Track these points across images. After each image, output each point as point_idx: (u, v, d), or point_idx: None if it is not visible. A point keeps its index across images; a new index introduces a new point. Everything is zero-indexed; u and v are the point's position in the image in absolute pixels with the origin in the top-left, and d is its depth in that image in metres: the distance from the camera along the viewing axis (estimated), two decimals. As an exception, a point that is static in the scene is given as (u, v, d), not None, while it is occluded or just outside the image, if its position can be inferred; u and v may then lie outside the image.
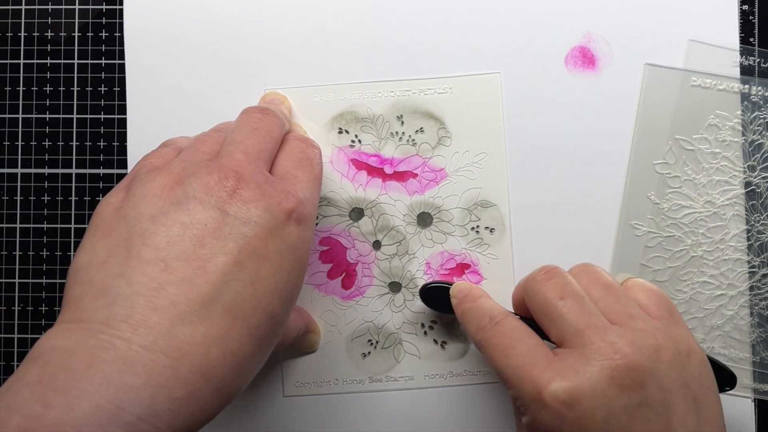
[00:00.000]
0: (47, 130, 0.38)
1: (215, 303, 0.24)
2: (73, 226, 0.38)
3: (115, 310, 0.23)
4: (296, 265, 0.27)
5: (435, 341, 0.37)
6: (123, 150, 0.38)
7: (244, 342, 0.25)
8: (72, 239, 0.38)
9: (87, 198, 0.38)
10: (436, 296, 0.35)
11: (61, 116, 0.38)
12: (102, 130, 0.38)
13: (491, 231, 0.37)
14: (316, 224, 0.37)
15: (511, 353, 0.28)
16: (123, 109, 0.37)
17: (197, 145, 0.29)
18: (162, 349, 0.22)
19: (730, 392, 0.32)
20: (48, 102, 0.38)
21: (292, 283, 0.27)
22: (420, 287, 0.35)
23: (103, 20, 0.38)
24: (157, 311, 0.23)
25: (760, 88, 0.36)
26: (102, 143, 0.38)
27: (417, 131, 0.37)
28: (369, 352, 0.37)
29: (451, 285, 0.34)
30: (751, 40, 0.36)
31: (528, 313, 0.30)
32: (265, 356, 0.27)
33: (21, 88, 0.38)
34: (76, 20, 0.38)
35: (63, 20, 0.38)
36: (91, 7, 0.38)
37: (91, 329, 0.23)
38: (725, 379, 0.31)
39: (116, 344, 0.22)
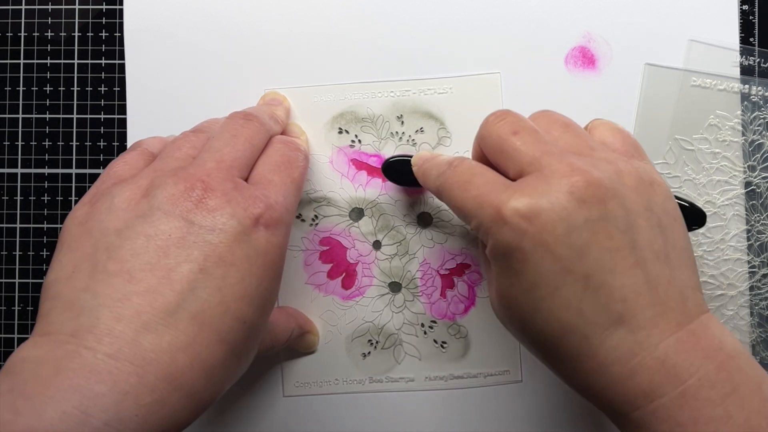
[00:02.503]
0: (47, 130, 0.38)
1: (181, 310, 0.24)
2: (73, 226, 0.38)
3: (81, 322, 0.23)
4: (267, 269, 0.27)
5: (435, 342, 0.37)
6: (123, 150, 0.38)
7: (215, 348, 0.25)
8: (72, 239, 0.38)
9: (87, 198, 0.38)
10: (399, 169, 0.35)
11: (61, 116, 0.38)
12: (102, 130, 0.38)
13: (491, 231, 0.37)
14: (316, 224, 0.37)
15: (469, 186, 0.27)
16: (123, 109, 0.37)
17: (171, 151, 0.29)
18: (127, 357, 0.23)
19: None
20: (48, 102, 0.38)
21: (263, 288, 0.27)
22: (382, 162, 0.36)
23: (103, 20, 0.38)
24: (122, 321, 0.23)
25: (760, 88, 0.36)
26: (102, 143, 0.38)
27: (417, 131, 0.37)
28: (369, 353, 0.37)
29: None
30: (751, 40, 0.36)
31: (488, 164, 0.29)
32: (242, 362, 0.27)
33: (21, 88, 0.38)
34: (76, 20, 0.38)
35: (63, 20, 0.38)
36: (91, 7, 0.38)
37: (59, 340, 0.23)
38: (694, 218, 0.31)
39: (82, 353, 0.23)
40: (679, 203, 0.29)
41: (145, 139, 0.32)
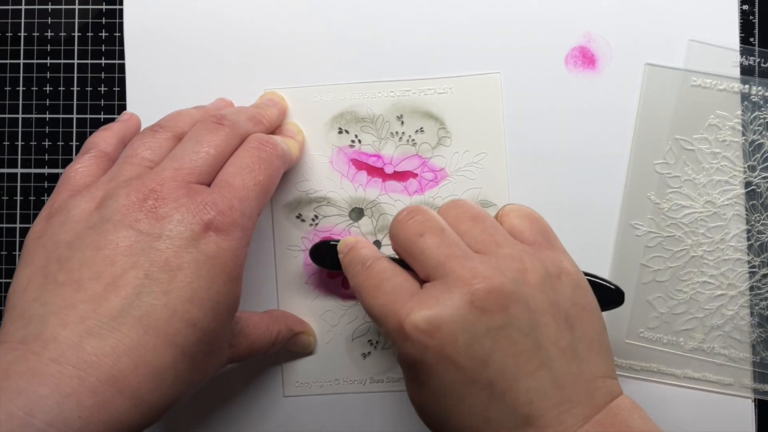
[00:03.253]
0: (47, 130, 0.38)
1: (126, 315, 0.25)
2: (73, 226, 0.38)
3: (30, 330, 0.24)
4: (218, 272, 0.27)
5: (435, 341, 0.37)
6: (123, 150, 0.38)
7: (161, 351, 0.25)
8: (72, 239, 0.38)
9: (87, 198, 0.38)
10: (326, 254, 0.34)
11: (61, 116, 0.38)
12: (102, 130, 0.38)
13: (491, 231, 0.37)
14: (316, 224, 0.37)
15: (378, 293, 0.28)
16: (123, 109, 0.37)
17: (128, 156, 0.29)
18: (69, 361, 0.24)
19: (730, 393, 0.32)
20: (48, 102, 0.38)
21: (215, 291, 0.27)
22: (310, 247, 0.35)
23: (103, 20, 0.38)
24: (67, 327, 0.24)
25: (760, 88, 0.36)
26: (102, 143, 0.38)
27: (417, 131, 0.37)
28: (369, 353, 0.37)
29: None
30: (751, 40, 0.36)
31: None
32: (200, 365, 0.27)
33: (21, 88, 0.38)
34: (76, 20, 0.38)
35: (63, 20, 0.38)
36: (91, 7, 0.38)
37: (10, 347, 0.24)
38: (612, 297, 0.31)
39: (28, 358, 0.23)
40: (597, 281, 0.30)
41: (96, 134, 0.32)
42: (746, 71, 0.36)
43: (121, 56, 0.38)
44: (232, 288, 0.28)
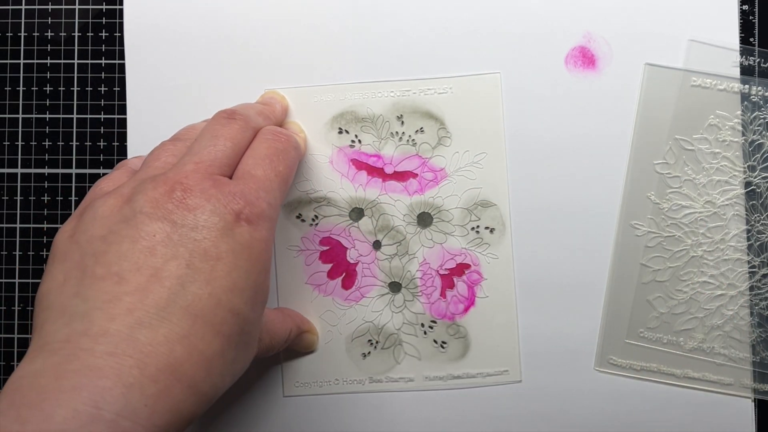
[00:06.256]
0: (47, 130, 0.38)
1: (173, 305, 0.24)
2: (73, 226, 0.38)
3: (74, 327, 0.24)
4: (254, 263, 0.27)
5: (435, 342, 0.37)
6: (123, 150, 0.38)
7: (210, 339, 0.25)
8: (72, 239, 0.38)
9: (87, 198, 0.38)
10: None
11: (61, 116, 0.38)
12: (102, 130, 0.38)
13: (491, 231, 0.37)
14: (316, 224, 0.37)
15: None
16: (123, 109, 0.37)
17: (151, 161, 0.30)
18: (125, 352, 0.23)
19: (730, 393, 0.32)
20: (48, 102, 0.38)
21: (252, 281, 0.27)
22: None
23: (103, 20, 0.38)
24: (115, 320, 0.24)
25: (760, 88, 0.36)
26: (102, 143, 0.38)
27: (417, 131, 0.37)
28: (369, 353, 0.37)
29: None
30: (751, 40, 0.36)
31: None
32: (241, 356, 0.27)
33: (21, 88, 0.38)
34: (76, 20, 0.38)
35: (63, 20, 0.38)
36: (91, 7, 0.38)
37: (53, 349, 0.23)
38: None
39: (78, 355, 0.23)
40: None
41: (130, 158, 0.33)
42: (746, 71, 0.36)
43: (121, 56, 0.38)
44: (265, 279, 0.28)
